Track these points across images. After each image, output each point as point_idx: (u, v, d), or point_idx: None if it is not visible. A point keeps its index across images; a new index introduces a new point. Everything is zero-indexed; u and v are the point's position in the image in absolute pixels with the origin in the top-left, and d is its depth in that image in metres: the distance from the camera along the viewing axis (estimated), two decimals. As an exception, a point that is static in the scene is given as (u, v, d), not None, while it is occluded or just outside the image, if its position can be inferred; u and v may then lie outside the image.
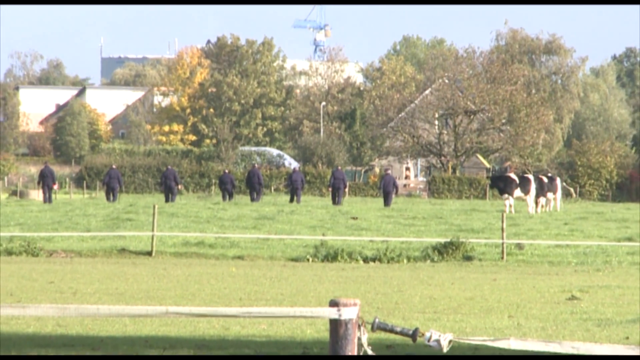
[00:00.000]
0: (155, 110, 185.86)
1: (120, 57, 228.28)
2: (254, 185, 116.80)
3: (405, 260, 55.79)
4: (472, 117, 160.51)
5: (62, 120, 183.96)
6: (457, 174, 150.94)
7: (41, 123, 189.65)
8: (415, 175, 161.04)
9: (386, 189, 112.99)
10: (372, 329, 13.13)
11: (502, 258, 57.07)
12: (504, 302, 37.80)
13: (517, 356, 22.96)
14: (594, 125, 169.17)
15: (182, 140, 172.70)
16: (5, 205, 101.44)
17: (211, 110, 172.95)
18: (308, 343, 27.10)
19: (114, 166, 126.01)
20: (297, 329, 28.87)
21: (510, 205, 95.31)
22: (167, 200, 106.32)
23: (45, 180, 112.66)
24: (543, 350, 15.75)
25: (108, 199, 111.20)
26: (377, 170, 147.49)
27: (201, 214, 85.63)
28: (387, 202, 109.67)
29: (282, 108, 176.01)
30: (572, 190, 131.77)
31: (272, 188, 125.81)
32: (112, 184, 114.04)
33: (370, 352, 13.00)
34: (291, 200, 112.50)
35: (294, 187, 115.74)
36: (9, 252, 57.92)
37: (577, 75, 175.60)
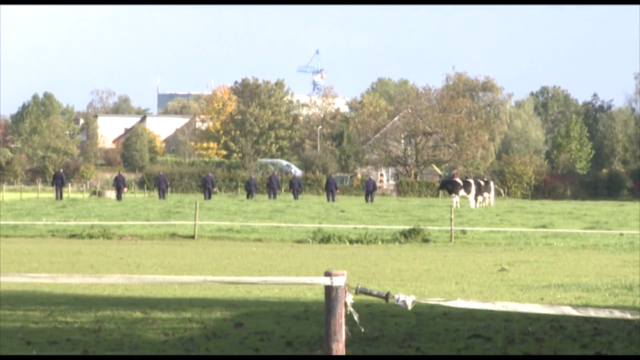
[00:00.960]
0: (196, 132, 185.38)
1: (172, 94, 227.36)
2: (273, 187, 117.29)
3: (379, 242, 55.68)
4: (428, 137, 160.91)
5: (128, 139, 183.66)
6: (418, 178, 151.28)
7: (113, 142, 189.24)
8: (387, 180, 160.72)
9: (368, 189, 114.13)
10: (356, 293, 13.06)
11: (451, 240, 56.95)
12: (452, 273, 37.75)
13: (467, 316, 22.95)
14: (517, 144, 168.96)
15: (216, 154, 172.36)
16: (87, 202, 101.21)
17: (237, 132, 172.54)
18: (308, 303, 27.00)
19: (161, 173, 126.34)
20: (301, 292, 28.76)
21: (457, 202, 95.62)
22: (205, 198, 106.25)
23: (118, 184, 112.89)
24: (481, 307, 15.74)
25: (159, 197, 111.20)
26: (359, 176, 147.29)
27: (230, 208, 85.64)
28: (367, 200, 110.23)
29: (290, 131, 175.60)
30: (501, 190, 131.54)
31: (283, 189, 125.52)
32: (161, 186, 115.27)
33: (352, 310, 12.95)
34: (295, 198, 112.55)
35: (298, 187, 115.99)
36: (90, 236, 57.85)
37: (505, 107, 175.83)
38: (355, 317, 12.94)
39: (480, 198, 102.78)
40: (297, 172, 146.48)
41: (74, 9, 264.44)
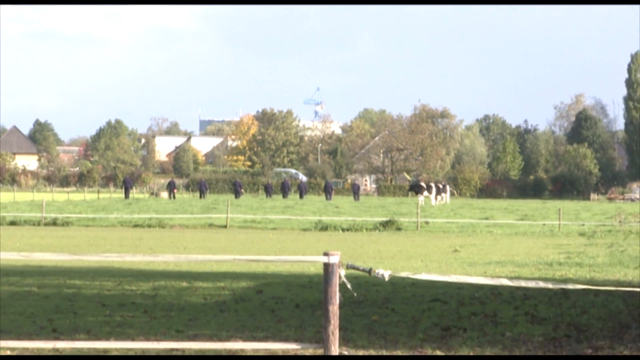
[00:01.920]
0: (228, 148, 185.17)
1: (210, 120, 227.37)
2: (285, 189, 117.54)
3: (364, 230, 55.53)
4: (400, 152, 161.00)
5: (178, 154, 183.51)
6: (393, 183, 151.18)
7: (167, 156, 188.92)
8: (370, 184, 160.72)
9: (355, 190, 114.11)
10: (347, 268, 12.99)
11: (417, 229, 56.78)
12: (418, 253, 37.63)
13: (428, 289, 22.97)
14: (467, 157, 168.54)
15: (242, 164, 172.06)
16: (147, 200, 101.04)
17: (258, 148, 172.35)
18: (312, 275, 26.91)
19: (201, 179, 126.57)
20: (306, 268, 28.67)
21: (422, 200, 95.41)
22: (235, 197, 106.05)
23: (171, 187, 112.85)
24: (439, 279, 15.70)
25: (200, 197, 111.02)
26: (349, 181, 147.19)
27: (253, 205, 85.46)
28: (355, 198, 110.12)
29: (297, 147, 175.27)
30: (454, 192, 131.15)
31: (292, 191, 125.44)
32: (201, 189, 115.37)
33: (345, 280, 12.87)
34: (300, 197, 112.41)
35: (303, 190, 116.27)
36: (149, 226, 57.75)
37: (458, 129, 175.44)
38: (348, 286, 12.89)
39: (439, 197, 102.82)
40: (303, 178, 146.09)
41: (138, 57, 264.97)
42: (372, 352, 15.68)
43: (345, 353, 14.71)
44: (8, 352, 15.04)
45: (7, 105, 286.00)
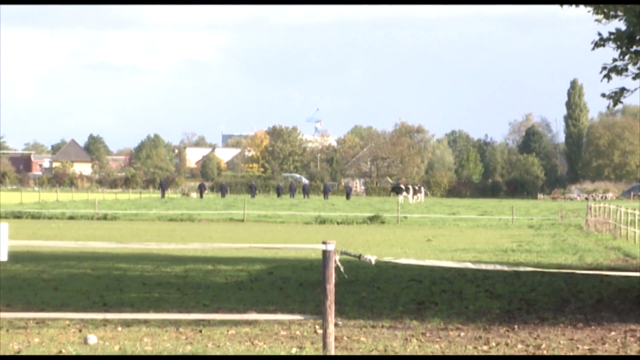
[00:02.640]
0: (245, 158, 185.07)
1: (231, 134, 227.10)
2: (291, 191, 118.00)
3: (355, 223, 55.49)
4: (384, 160, 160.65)
5: (205, 162, 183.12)
6: (378, 185, 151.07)
7: (195, 163, 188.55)
8: (360, 186, 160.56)
9: (347, 191, 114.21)
10: (340, 254, 12.97)
11: (397, 222, 56.75)
12: (398, 242, 37.60)
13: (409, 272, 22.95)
14: (437, 164, 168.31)
15: (257, 170, 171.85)
16: (179, 199, 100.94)
17: (270, 157, 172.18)
18: (313, 260, 26.84)
19: (223, 182, 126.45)
20: (308, 254, 28.60)
21: (401, 199, 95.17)
22: (251, 197, 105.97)
23: (201, 189, 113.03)
24: (415, 263, 15.69)
25: (222, 196, 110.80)
26: (342, 184, 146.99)
27: (265, 203, 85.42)
28: (347, 198, 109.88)
29: (301, 157, 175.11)
30: (428, 192, 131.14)
31: (297, 192, 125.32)
32: (223, 190, 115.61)
33: (339, 264, 12.84)
34: (306, 197, 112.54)
35: (307, 192, 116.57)
36: (181, 220, 57.66)
37: (430, 142, 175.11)
38: (342, 269, 12.86)
39: (415, 197, 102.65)
40: (305, 181, 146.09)
41: (172, 83, 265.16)
42: (361, 322, 15.64)
43: (340, 323, 14.68)
44: (67, 322, 15.02)
45: (67, 123, 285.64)
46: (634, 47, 19.18)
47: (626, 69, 19.38)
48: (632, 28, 18.97)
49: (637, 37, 19.06)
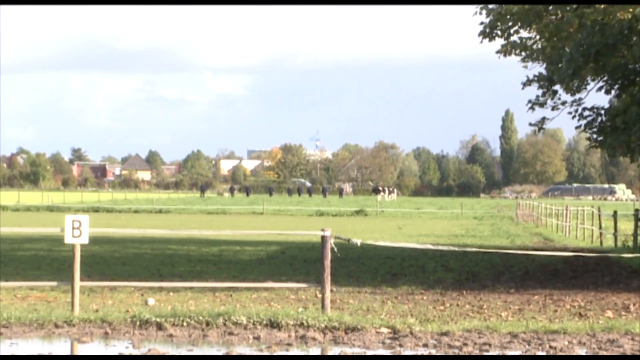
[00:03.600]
0: (264, 167, 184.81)
1: (254, 150, 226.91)
2: (299, 191, 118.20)
3: (345, 216, 55.46)
4: (367, 169, 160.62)
5: (234, 171, 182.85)
6: (362, 187, 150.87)
7: (227, 172, 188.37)
8: (349, 188, 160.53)
9: (340, 192, 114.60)
10: (334, 238, 12.95)
11: (377, 215, 56.75)
12: (377, 229, 37.53)
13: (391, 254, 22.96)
14: (406, 172, 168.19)
15: (273, 176, 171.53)
16: (215, 198, 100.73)
17: (282, 167, 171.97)
18: (314, 242, 26.63)
19: (248, 185, 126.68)
20: (311, 238, 28.59)
21: (380, 198, 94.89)
22: (269, 196, 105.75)
23: (231, 190, 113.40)
24: (390, 245, 15.74)
25: (247, 195, 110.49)
26: (336, 186, 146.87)
27: (279, 201, 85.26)
28: (340, 197, 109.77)
29: (305, 166, 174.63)
30: (399, 193, 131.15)
31: (303, 192, 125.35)
32: (248, 191, 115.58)
33: (333, 246, 12.82)
34: (310, 196, 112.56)
35: (310, 192, 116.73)
36: (217, 213, 57.59)
37: (401, 156, 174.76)
38: (335, 249, 12.83)
39: (389, 196, 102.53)
40: (309, 184, 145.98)
41: (211, 112, 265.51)
42: (350, 289, 15.60)
43: (334, 289, 14.63)
44: (132, 289, 14.98)
45: (133, 141, 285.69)
46: (552, 88, 19.46)
47: (546, 103, 19.67)
48: (551, 74, 19.29)
49: (555, 80, 19.31)
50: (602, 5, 14.12)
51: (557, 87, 19.69)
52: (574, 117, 20.20)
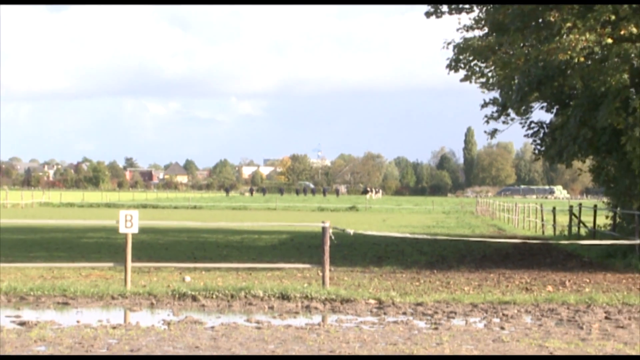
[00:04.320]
0: (277, 172, 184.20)
1: (268, 158, 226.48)
2: (304, 192, 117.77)
3: (341, 211, 55.24)
4: (358, 174, 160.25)
5: (253, 175, 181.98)
6: (354, 188, 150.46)
7: (248, 176, 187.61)
8: (344, 189, 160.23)
9: (337, 192, 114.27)
10: (332, 229, 12.91)
11: (365, 210, 56.55)
12: (367, 222, 37.29)
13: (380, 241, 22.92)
14: (389, 177, 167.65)
15: (283, 180, 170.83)
16: (238, 197, 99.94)
17: (292, 172, 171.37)
18: (316, 232, 26.29)
19: (264, 187, 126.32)
20: (314, 229, 28.44)
21: (369, 197, 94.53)
22: (280, 195, 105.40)
23: (251, 190, 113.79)
24: (377, 234, 15.63)
25: (263, 195, 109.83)
26: (334, 188, 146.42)
27: (289, 199, 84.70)
28: (337, 196, 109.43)
29: (309, 172, 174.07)
30: (384, 193, 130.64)
31: (307, 192, 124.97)
32: (264, 191, 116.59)
33: (331, 234, 12.79)
34: (313, 195, 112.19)
35: (313, 192, 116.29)
36: (239, 209, 56.94)
37: (385, 164, 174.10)
38: (333, 237, 12.81)
39: (376, 195, 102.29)
40: (312, 186, 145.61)
41: (234, 129, 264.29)
42: (344, 268, 15.55)
43: (332, 269, 14.61)
44: (172, 268, 14.95)
45: (174, 151, 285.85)
46: (505, 110, 19.98)
47: (499, 118, 20.02)
48: (504, 100, 19.73)
49: (507, 105, 19.72)
50: (546, 47, 14.16)
51: (509, 110, 19.92)
52: (523, 127, 20.65)
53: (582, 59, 14.55)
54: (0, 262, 13.90)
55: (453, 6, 16.73)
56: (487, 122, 20.28)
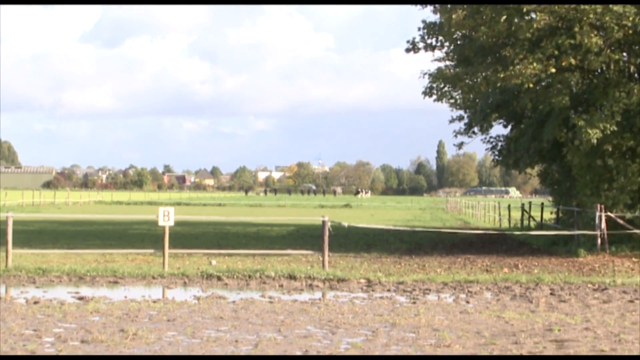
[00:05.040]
0: (286, 176, 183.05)
1: (279, 165, 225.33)
2: (308, 192, 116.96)
3: (337, 208, 55.01)
4: (350, 178, 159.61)
5: (267, 179, 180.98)
6: (348, 189, 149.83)
7: (262, 179, 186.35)
8: (340, 190, 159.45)
9: (334, 193, 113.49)
10: (330, 222, 12.89)
11: (357, 207, 56.36)
12: (359, 217, 36.89)
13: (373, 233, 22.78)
14: (376, 180, 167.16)
15: (292, 182, 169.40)
16: (255, 196, 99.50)
17: (298, 176, 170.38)
18: (317, 225, 26.09)
19: (276, 188, 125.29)
20: (316, 222, 28.30)
21: (360, 196, 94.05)
22: (289, 195, 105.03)
23: (266, 191, 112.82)
24: (366, 226, 15.58)
25: (275, 195, 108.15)
26: (332, 189, 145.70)
27: (295, 197, 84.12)
28: (334, 195, 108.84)
29: (312, 176, 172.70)
30: (372, 193, 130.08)
31: (310, 193, 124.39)
32: (275, 192, 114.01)
33: (329, 226, 12.74)
34: (314, 195, 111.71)
35: (315, 192, 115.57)
36: (255, 206, 56.34)
37: (372, 169, 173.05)
38: (330, 229, 12.78)
39: (365, 195, 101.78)
40: (314, 188, 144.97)
41: (250, 141, 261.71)
42: (340, 254, 15.47)
43: (330, 255, 14.50)
44: (201, 254, 14.88)
45: (203, 160, 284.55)
46: (470, 127, 20.05)
47: (465, 133, 20.20)
48: (470, 120, 19.93)
49: (472, 124, 19.80)
50: (502, 75, 14.27)
51: (473, 127, 20.03)
52: (484, 142, 20.75)
53: (531, 85, 14.63)
54: (64, 249, 14.05)
55: (429, 41, 16.83)
56: (456, 136, 20.53)
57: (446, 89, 17.60)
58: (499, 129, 25.15)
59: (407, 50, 17.18)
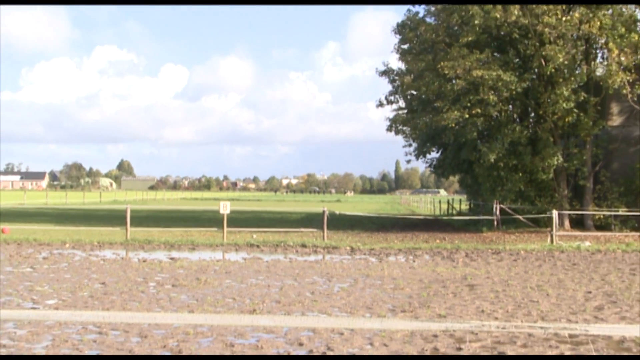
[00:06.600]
0: (299, 182, 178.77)
1: (296, 175, 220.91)
2: (315, 192, 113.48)
3: (332, 202, 53.34)
4: (341, 183, 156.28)
5: (288, 184, 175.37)
6: (339, 191, 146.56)
7: (284, 185, 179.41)
8: (333, 191, 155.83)
9: (331, 192, 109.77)
10: (329, 211, 12.65)
11: (345, 201, 55.06)
12: (345, 208, 35.22)
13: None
14: (357, 184, 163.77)
15: (303, 186, 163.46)
16: (279, 195, 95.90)
17: (307, 182, 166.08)
18: (319, 213, 24.55)
19: (293, 190, 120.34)
20: (318, 211, 27.61)
21: (346, 195, 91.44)
22: (302, 194, 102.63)
23: (287, 192, 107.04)
24: (351, 214, 14.92)
25: (293, 194, 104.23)
26: (332, 191, 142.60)
27: (306, 197, 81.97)
28: (331, 195, 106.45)
29: (317, 183, 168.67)
30: (354, 193, 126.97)
31: (316, 193, 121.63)
32: (294, 192, 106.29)
33: (327, 215, 12.44)
34: (317, 194, 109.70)
35: (318, 192, 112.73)
36: (281, 200, 54.49)
37: (355, 178, 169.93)
38: (327, 216, 12.57)
39: (350, 194, 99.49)
40: (318, 189, 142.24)
41: (277, 162, 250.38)
42: (334, 232, 14.89)
43: (328, 231, 13.82)
44: (247, 231, 14.24)
45: (247, 172, 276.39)
46: (416, 153, 20.17)
47: (413, 155, 20.40)
48: (416, 147, 20.17)
49: (416, 152, 20.09)
50: (435, 119, 14.74)
51: (417, 152, 20.31)
52: (424, 162, 20.97)
53: (453, 125, 14.99)
54: (161, 227, 14.13)
55: (390, 98, 17.67)
56: (407, 157, 21.00)
57: (401, 127, 18.25)
58: (433, 154, 25.28)
59: (377, 105, 18.05)
